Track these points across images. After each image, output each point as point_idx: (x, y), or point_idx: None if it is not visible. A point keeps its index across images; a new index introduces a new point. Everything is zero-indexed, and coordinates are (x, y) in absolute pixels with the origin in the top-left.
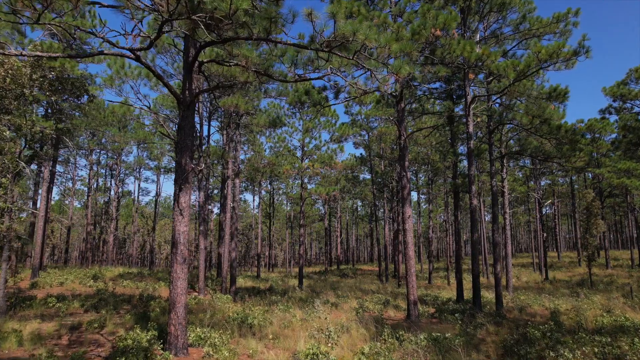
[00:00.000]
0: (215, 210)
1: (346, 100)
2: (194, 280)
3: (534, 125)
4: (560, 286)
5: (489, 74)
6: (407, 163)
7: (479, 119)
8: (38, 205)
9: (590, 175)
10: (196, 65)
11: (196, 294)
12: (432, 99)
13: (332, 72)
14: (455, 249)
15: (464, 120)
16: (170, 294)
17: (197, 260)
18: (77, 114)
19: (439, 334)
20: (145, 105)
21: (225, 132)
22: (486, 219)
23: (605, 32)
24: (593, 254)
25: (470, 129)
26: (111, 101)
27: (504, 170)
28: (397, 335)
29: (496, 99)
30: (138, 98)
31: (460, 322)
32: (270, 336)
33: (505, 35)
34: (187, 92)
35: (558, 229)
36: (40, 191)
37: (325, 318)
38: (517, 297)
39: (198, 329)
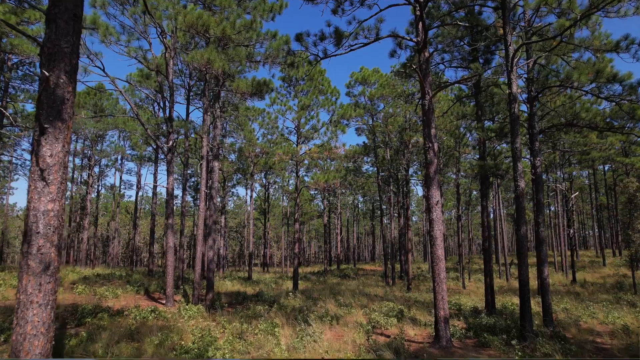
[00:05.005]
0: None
1: (350, 49)
2: (164, 286)
3: (598, 84)
4: (596, 290)
5: (529, 26)
6: (433, 131)
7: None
8: None
9: (605, 167)
10: None
11: (162, 304)
12: (455, 66)
13: None
14: (483, 247)
15: (497, 84)
16: (13, 338)
17: (166, 261)
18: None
19: None
20: (99, 67)
21: (202, 102)
22: (497, 213)
23: None
24: (636, 252)
25: (514, 89)
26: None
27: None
28: None
29: (547, 52)
30: (90, 59)
31: (520, 351)
32: None
33: None
34: None
35: (577, 226)
36: None
37: (324, 357)
38: (558, 306)
39: None
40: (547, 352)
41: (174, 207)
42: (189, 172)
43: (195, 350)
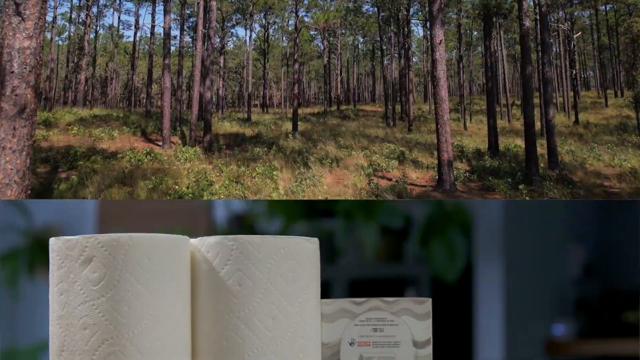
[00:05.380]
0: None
1: None
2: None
3: None
4: (599, 131)
5: None
6: None
7: None
8: None
9: (606, 7)
10: None
11: (158, 146)
12: None
13: None
14: (486, 87)
15: None
16: None
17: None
18: None
19: None
20: None
21: None
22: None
23: None
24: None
25: None
26: None
27: None
28: None
29: None
30: None
31: (527, 196)
32: None
33: None
34: None
35: (578, 67)
36: None
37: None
38: (562, 148)
39: None
40: (554, 196)
41: (172, 48)
42: (187, 12)
43: (190, 195)
